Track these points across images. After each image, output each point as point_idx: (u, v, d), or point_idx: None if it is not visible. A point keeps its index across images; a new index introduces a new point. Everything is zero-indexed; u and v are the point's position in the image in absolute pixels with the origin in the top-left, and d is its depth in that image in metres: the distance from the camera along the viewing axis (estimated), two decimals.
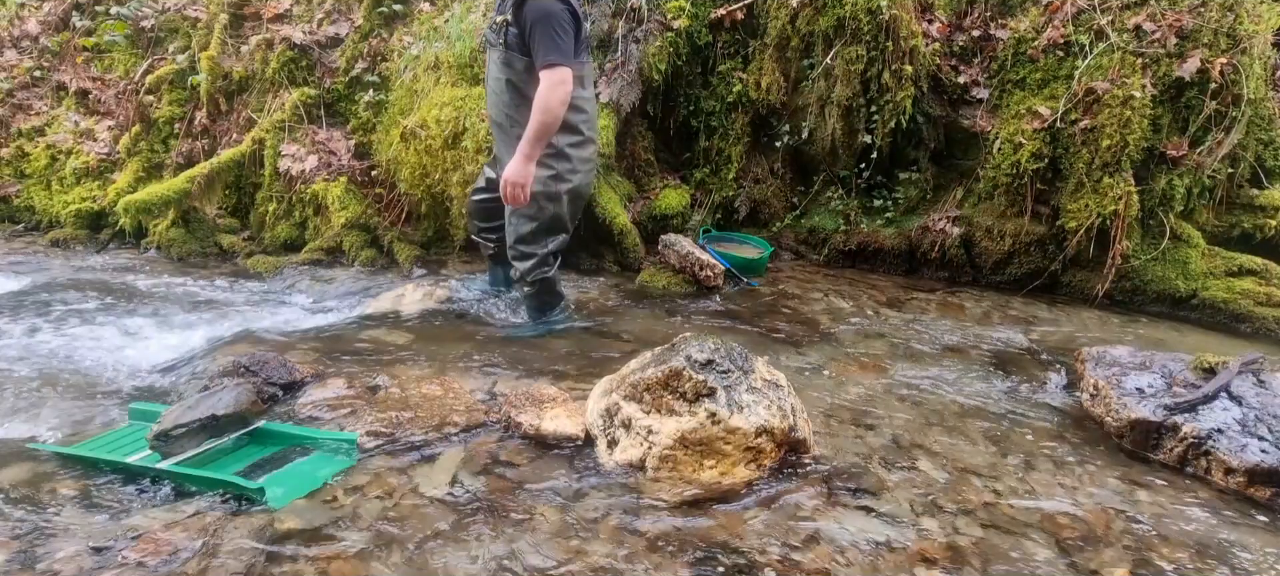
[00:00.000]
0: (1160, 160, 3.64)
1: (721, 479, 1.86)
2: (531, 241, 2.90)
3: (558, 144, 2.78)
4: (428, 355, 2.70)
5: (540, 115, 2.61)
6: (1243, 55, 3.51)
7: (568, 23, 2.65)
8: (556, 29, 2.62)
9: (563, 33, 2.63)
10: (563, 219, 2.92)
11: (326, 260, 4.00)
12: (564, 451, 2.01)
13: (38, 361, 2.60)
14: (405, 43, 4.31)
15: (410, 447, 2.00)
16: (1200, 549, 1.76)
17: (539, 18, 2.62)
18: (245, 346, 2.67)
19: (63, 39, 5.29)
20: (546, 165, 2.77)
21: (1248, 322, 3.50)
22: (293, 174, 4.18)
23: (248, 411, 2.08)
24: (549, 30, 2.61)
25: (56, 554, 1.56)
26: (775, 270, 4.01)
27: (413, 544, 1.61)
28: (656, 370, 1.92)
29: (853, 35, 3.86)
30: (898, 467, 2.03)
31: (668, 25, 4.08)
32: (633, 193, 4.20)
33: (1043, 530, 1.79)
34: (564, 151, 2.81)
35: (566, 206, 2.90)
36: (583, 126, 2.85)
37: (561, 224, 2.93)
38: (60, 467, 1.90)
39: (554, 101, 2.63)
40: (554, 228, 2.92)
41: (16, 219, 4.91)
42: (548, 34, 2.61)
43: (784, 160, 4.34)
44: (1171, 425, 2.14)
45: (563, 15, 2.63)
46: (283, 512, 1.70)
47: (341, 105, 4.48)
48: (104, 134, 4.88)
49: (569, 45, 2.66)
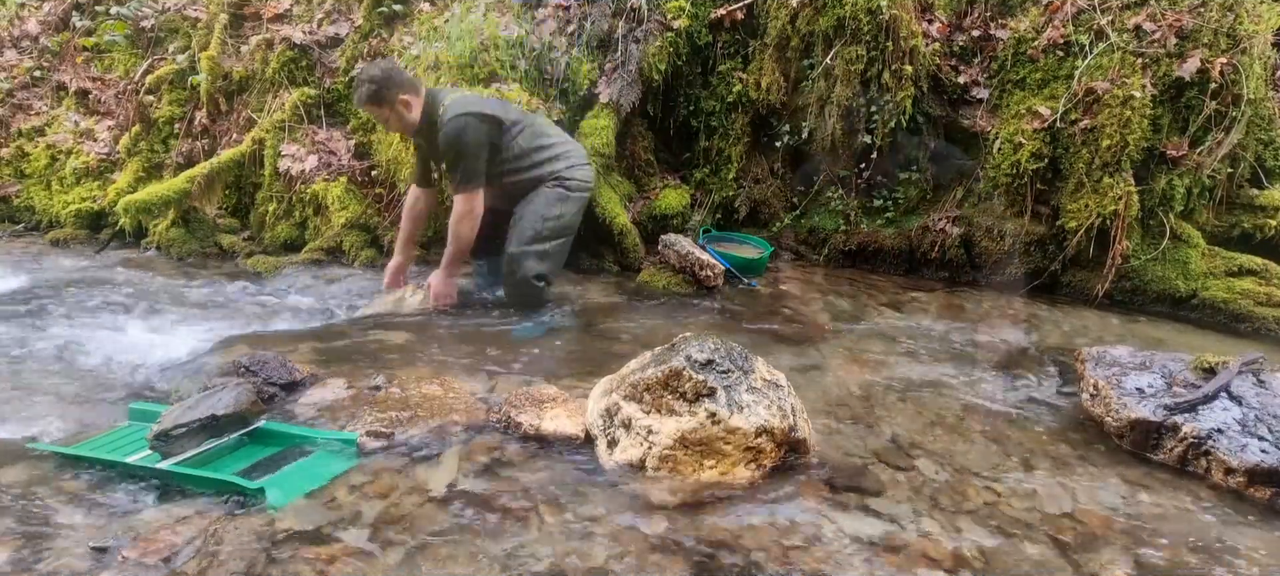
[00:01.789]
0: (1160, 160, 3.64)
1: (722, 479, 1.86)
2: (548, 238, 3.13)
3: (552, 196, 3.13)
4: (428, 355, 2.70)
5: (453, 242, 3.02)
6: (1243, 55, 3.51)
7: (478, 139, 2.89)
8: (465, 152, 2.87)
9: (473, 155, 2.89)
10: (575, 226, 3.26)
11: (326, 260, 4.00)
12: (564, 451, 2.01)
13: (37, 361, 2.60)
14: (405, 43, 4.31)
15: (410, 447, 2.00)
16: (1200, 549, 1.76)
17: (448, 145, 2.87)
18: (245, 346, 2.67)
19: (63, 39, 5.29)
20: (556, 204, 3.14)
21: (1248, 322, 3.50)
22: (293, 174, 4.18)
23: (248, 411, 2.08)
24: (458, 157, 2.87)
25: (56, 554, 1.56)
26: (775, 270, 4.01)
27: (412, 544, 1.61)
28: (656, 370, 1.92)
29: (853, 35, 3.86)
30: (898, 467, 2.03)
31: (668, 25, 4.08)
32: (633, 193, 4.20)
33: (1043, 530, 1.79)
34: (565, 188, 3.15)
35: (577, 216, 3.24)
36: (562, 170, 3.16)
37: (572, 230, 3.26)
38: (60, 467, 1.90)
39: (463, 230, 2.99)
40: (569, 232, 3.24)
41: (16, 219, 4.91)
42: (456, 160, 2.88)
43: (784, 160, 4.34)
44: (1171, 425, 2.14)
45: (472, 131, 2.87)
46: (282, 513, 1.70)
47: (341, 105, 4.48)
48: (104, 134, 4.88)
49: (479, 166, 2.92)
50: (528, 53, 4.01)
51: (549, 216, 3.12)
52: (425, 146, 3.15)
